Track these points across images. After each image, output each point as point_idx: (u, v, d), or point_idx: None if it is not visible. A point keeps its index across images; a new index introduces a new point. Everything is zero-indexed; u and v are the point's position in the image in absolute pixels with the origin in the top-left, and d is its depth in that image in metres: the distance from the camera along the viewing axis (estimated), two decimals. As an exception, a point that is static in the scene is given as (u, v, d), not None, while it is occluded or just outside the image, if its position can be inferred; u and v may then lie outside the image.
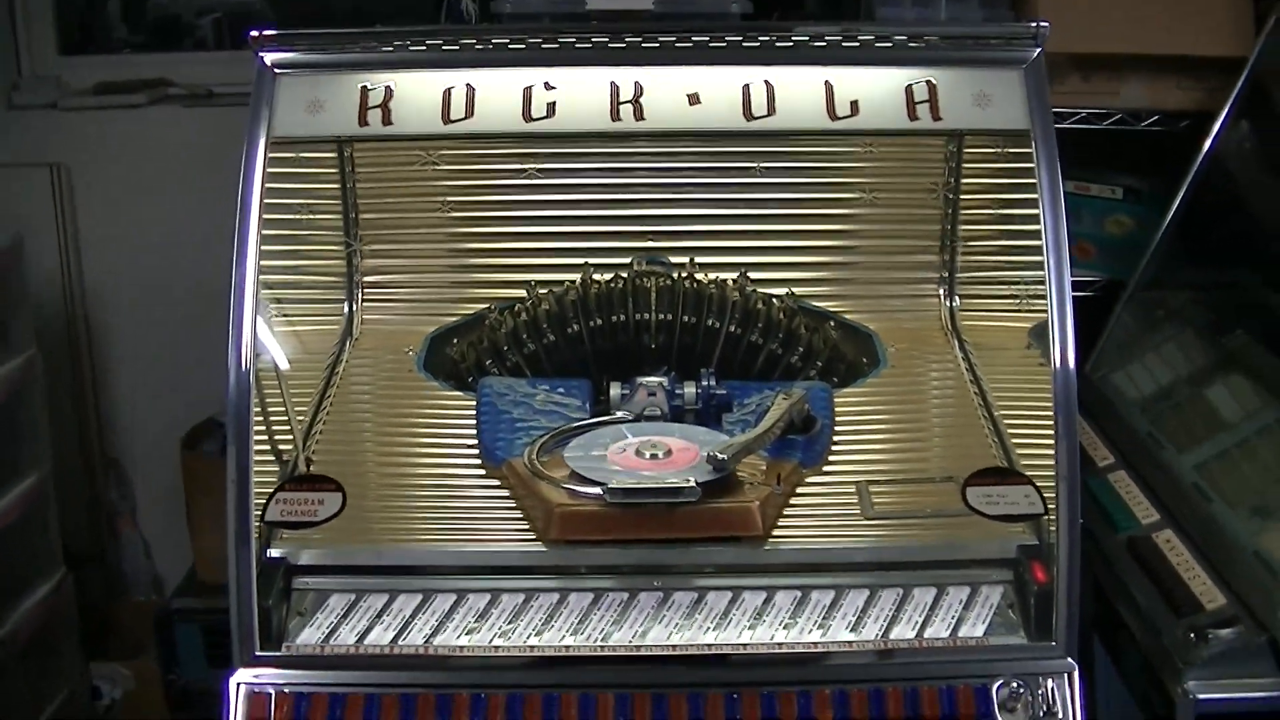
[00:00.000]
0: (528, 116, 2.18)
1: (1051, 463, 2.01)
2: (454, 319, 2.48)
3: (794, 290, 2.43)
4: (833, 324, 2.43)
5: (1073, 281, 2.87)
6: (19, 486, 3.42)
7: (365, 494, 2.12)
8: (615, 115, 2.17)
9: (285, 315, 2.40)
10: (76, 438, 3.98)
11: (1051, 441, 2.01)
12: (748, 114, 2.17)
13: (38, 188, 3.83)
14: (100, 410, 4.04)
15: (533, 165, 2.45)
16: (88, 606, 3.78)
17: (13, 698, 3.39)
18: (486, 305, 2.46)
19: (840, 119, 2.17)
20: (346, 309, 2.50)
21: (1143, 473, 2.56)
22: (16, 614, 3.39)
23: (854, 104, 2.18)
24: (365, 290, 2.52)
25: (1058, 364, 2.02)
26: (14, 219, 3.57)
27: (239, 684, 1.94)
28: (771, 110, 2.17)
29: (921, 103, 2.18)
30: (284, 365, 2.29)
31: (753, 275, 2.43)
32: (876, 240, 2.50)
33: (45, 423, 3.50)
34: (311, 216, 2.47)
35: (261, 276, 2.18)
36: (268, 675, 1.94)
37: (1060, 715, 1.92)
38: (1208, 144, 2.81)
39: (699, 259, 2.43)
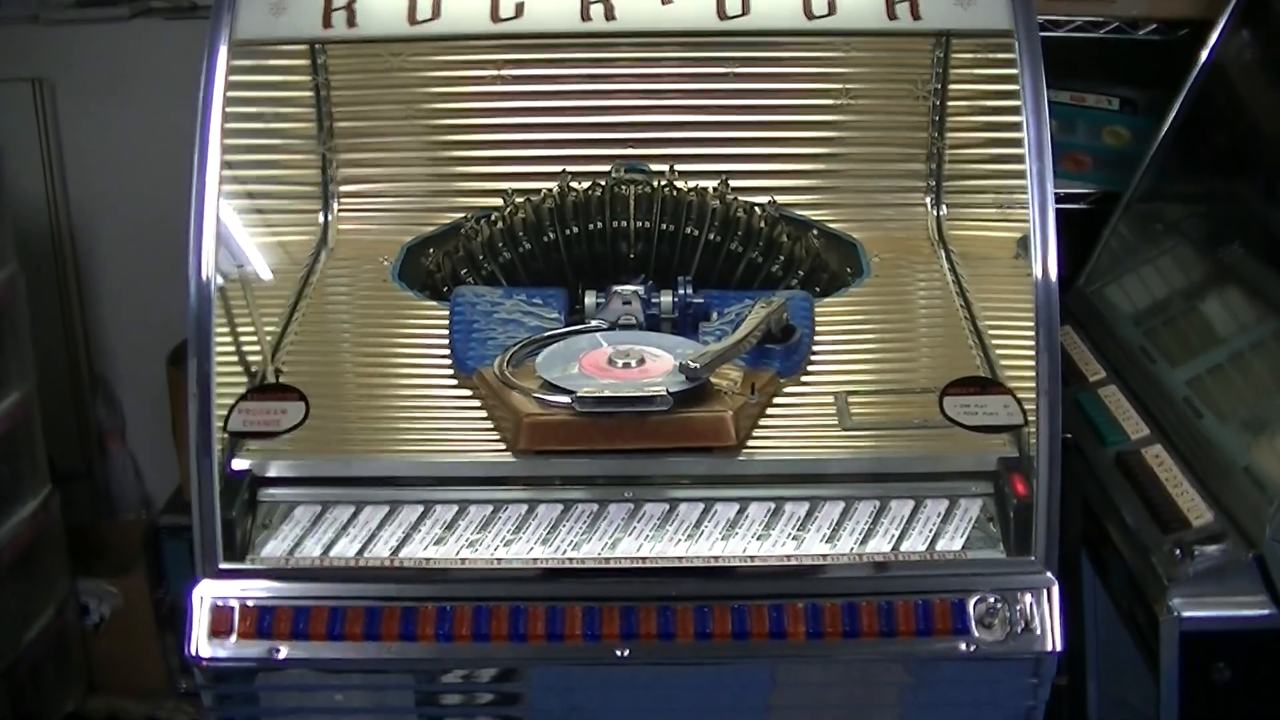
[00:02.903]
0: (495, 17, 2.11)
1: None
2: (431, 228, 2.45)
3: (776, 199, 2.39)
4: (816, 233, 2.39)
5: (1068, 193, 2.88)
6: (3, 403, 3.38)
7: (334, 405, 2.09)
8: (585, 15, 2.11)
9: (260, 225, 2.37)
10: (64, 355, 3.95)
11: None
12: (721, 13, 2.10)
13: (19, 103, 3.77)
14: (87, 327, 4.00)
15: (509, 70, 2.40)
16: (76, 524, 3.76)
17: (0, 614, 3.38)
18: (464, 214, 2.42)
19: (817, 18, 2.10)
20: (322, 218, 2.46)
21: (1134, 387, 2.52)
22: (2, 530, 3.37)
23: (831, 2, 2.12)
24: (341, 199, 2.49)
25: (1039, 274, 1.95)
26: (-5, 134, 3.52)
27: (203, 596, 1.91)
28: (746, 9, 2.11)
29: (901, 2, 2.11)
30: (256, 275, 2.25)
31: (736, 184, 2.41)
32: (862, 148, 2.47)
33: (28, 339, 3.47)
34: (283, 125, 2.43)
35: (235, 186, 2.15)
36: (231, 587, 1.91)
37: (1038, 631, 1.89)
38: (1205, 53, 2.75)
39: (680, 166, 2.40)
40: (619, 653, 1.88)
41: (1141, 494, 2.27)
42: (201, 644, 1.90)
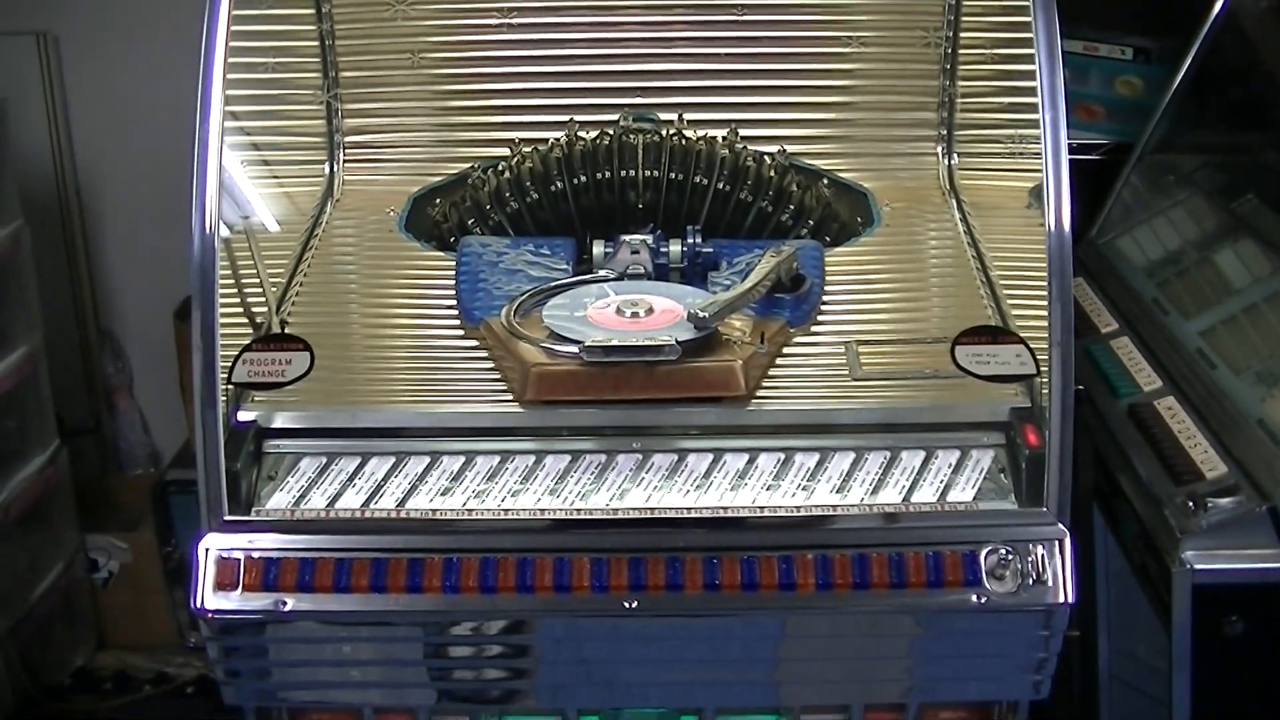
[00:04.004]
0: (502, -38, 2.11)
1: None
2: (438, 178, 2.43)
3: (786, 148, 2.37)
4: (826, 182, 2.37)
5: (1080, 144, 2.85)
6: (10, 357, 3.40)
7: (340, 356, 2.07)
8: (593, -40, 2.10)
9: (265, 176, 2.35)
10: (71, 310, 3.94)
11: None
12: (731, -42, 2.09)
13: (24, 56, 3.75)
14: (94, 282, 4.00)
15: (516, 18, 2.39)
16: (84, 480, 3.77)
17: (9, 569, 3.40)
18: (471, 164, 2.40)
19: (828, -38, 2.09)
20: (327, 169, 2.45)
21: (1146, 339, 2.50)
22: (10, 485, 3.39)
23: (842, -53, 2.10)
24: (347, 150, 2.47)
25: (1052, 224, 1.91)
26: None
27: (208, 549, 1.89)
28: (756, -46, 2.10)
29: (913, -54, 2.10)
30: (261, 227, 2.23)
31: (745, 132, 2.38)
32: (873, 96, 2.45)
33: (35, 294, 3.48)
34: (288, 75, 2.41)
35: (240, 137, 2.13)
36: (237, 540, 1.90)
37: (1049, 583, 1.87)
38: (1220, 2, 2.72)
39: (688, 115, 2.38)
40: (627, 604, 1.86)
41: (1154, 446, 2.25)
42: (207, 597, 1.88)
